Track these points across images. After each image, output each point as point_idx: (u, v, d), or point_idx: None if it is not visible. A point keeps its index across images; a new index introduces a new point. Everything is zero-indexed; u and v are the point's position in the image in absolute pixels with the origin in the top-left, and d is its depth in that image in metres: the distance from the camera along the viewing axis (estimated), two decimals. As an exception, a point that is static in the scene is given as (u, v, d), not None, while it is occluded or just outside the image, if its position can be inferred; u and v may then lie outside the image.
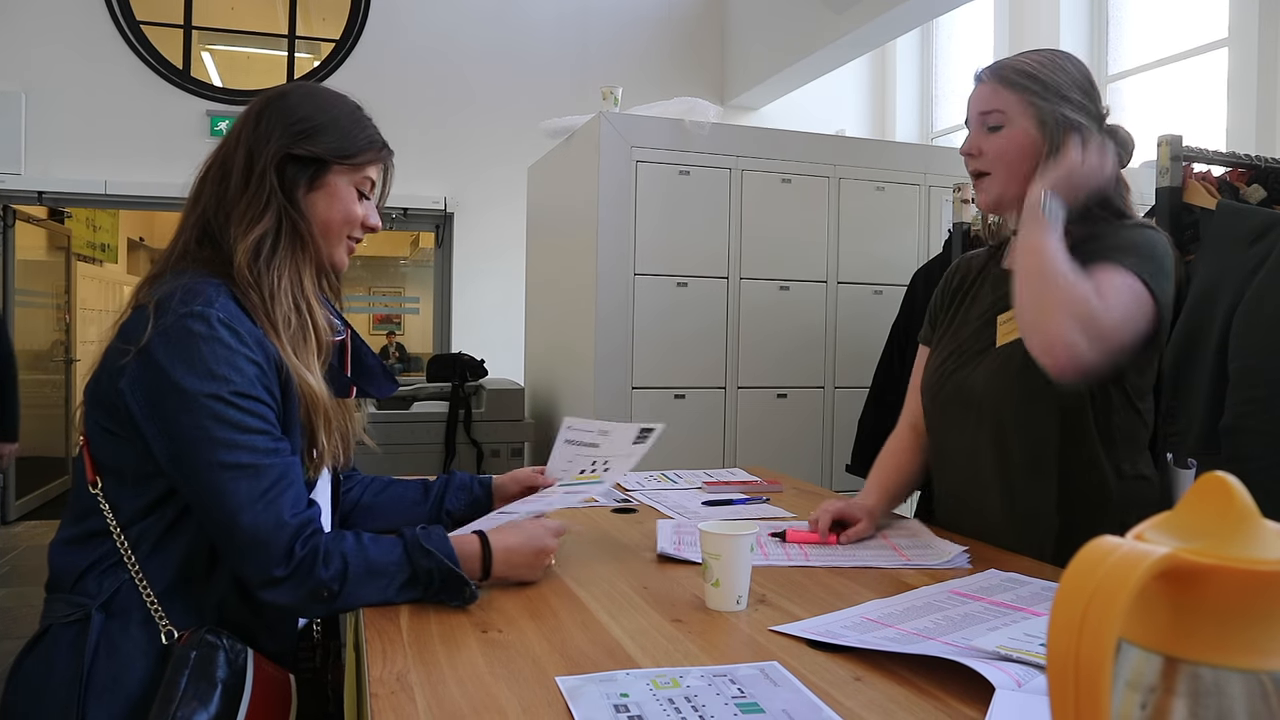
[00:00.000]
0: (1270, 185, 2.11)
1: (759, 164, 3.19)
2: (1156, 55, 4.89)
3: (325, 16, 6.23)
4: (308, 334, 1.23)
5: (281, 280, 1.21)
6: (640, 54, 6.55)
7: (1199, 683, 0.44)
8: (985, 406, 1.49)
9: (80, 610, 1.12)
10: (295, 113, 1.25)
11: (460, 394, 3.70)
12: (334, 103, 1.30)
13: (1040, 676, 0.89)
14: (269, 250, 1.21)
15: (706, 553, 1.18)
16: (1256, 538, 0.45)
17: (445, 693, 0.91)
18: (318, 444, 1.26)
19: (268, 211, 1.22)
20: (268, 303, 1.19)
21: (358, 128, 1.30)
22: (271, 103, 1.27)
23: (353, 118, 1.31)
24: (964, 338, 1.56)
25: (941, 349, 1.61)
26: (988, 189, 1.48)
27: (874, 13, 4.89)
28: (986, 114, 1.45)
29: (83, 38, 5.74)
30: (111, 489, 1.16)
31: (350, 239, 1.33)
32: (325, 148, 1.26)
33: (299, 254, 1.25)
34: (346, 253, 1.34)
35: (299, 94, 1.29)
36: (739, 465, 2.82)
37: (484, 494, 1.53)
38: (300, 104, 1.27)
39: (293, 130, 1.24)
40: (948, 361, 1.57)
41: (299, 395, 1.20)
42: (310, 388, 1.21)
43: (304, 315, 1.23)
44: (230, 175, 1.24)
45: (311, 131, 1.25)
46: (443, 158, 6.16)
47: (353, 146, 1.28)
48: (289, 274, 1.23)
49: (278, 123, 1.24)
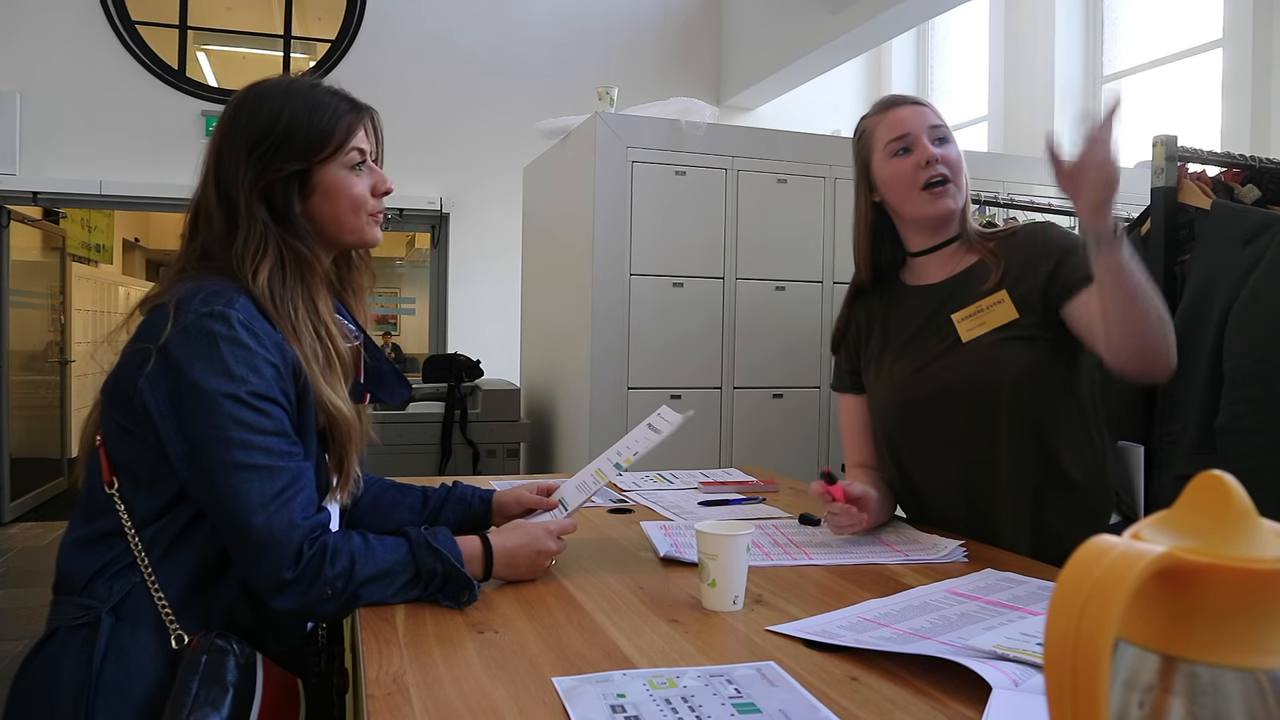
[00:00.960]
0: (1265, 185, 2.12)
1: (755, 164, 3.19)
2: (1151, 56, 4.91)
3: (321, 16, 6.23)
4: (332, 361, 1.22)
5: (299, 312, 1.19)
6: (636, 54, 6.55)
7: (1196, 681, 0.44)
8: (973, 395, 1.54)
9: (89, 613, 1.11)
10: (251, 132, 1.20)
11: (456, 394, 3.70)
12: (285, 98, 1.23)
13: (1037, 676, 0.89)
14: (280, 285, 1.19)
15: (703, 553, 1.18)
16: (1253, 537, 0.45)
17: (441, 694, 0.90)
18: (345, 469, 1.25)
19: (268, 248, 1.19)
20: (293, 331, 1.18)
21: (319, 111, 1.23)
22: (226, 132, 1.22)
23: (309, 102, 1.23)
24: (919, 352, 1.62)
25: (894, 373, 1.65)
26: (953, 195, 1.58)
27: (870, 13, 4.89)
28: (937, 128, 1.60)
29: (78, 38, 5.73)
30: (128, 489, 1.15)
31: (371, 215, 1.29)
32: (297, 154, 1.21)
33: (309, 278, 1.23)
34: (374, 226, 1.30)
35: (247, 108, 1.23)
36: (735, 465, 2.82)
37: (483, 511, 1.50)
38: (251, 119, 1.21)
39: (257, 154, 1.20)
40: (910, 379, 1.61)
41: (332, 422, 1.20)
42: (344, 414, 1.21)
43: (325, 342, 1.21)
44: (214, 216, 1.21)
45: (275, 145, 1.20)
46: (439, 158, 6.16)
47: (322, 135, 1.22)
48: (304, 303, 1.21)
49: (240, 150, 1.20)
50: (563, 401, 3.46)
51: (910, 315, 1.66)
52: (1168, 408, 2.06)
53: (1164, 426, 2.07)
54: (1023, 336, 1.52)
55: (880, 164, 1.63)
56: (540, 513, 1.47)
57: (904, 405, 1.62)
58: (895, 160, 1.60)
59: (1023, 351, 1.51)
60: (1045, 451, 1.53)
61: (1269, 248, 1.90)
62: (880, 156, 1.63)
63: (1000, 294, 1.54)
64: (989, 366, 1.53)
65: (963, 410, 1.55)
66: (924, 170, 1.57)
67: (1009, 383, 1.51)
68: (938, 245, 1.63)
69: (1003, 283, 1.55)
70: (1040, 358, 1.51)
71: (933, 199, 1.57)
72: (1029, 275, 1.53)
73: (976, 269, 1.59)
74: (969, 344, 1.56)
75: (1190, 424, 2.00)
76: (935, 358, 1.59)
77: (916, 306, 1.65)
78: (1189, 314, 2.02)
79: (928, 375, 1.59)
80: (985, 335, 1.54)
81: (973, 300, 1.57)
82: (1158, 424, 2.08)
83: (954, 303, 1.59)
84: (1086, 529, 1.50)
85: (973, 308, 1.56)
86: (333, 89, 1.28)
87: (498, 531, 1.29)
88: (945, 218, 1.60)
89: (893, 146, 1.60)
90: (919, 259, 1.67)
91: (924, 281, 1.66)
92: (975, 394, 1.54)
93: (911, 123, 1.60)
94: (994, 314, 1.54)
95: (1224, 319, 1.94)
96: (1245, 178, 2.15)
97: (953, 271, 1.62)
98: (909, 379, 1.62)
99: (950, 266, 1.63)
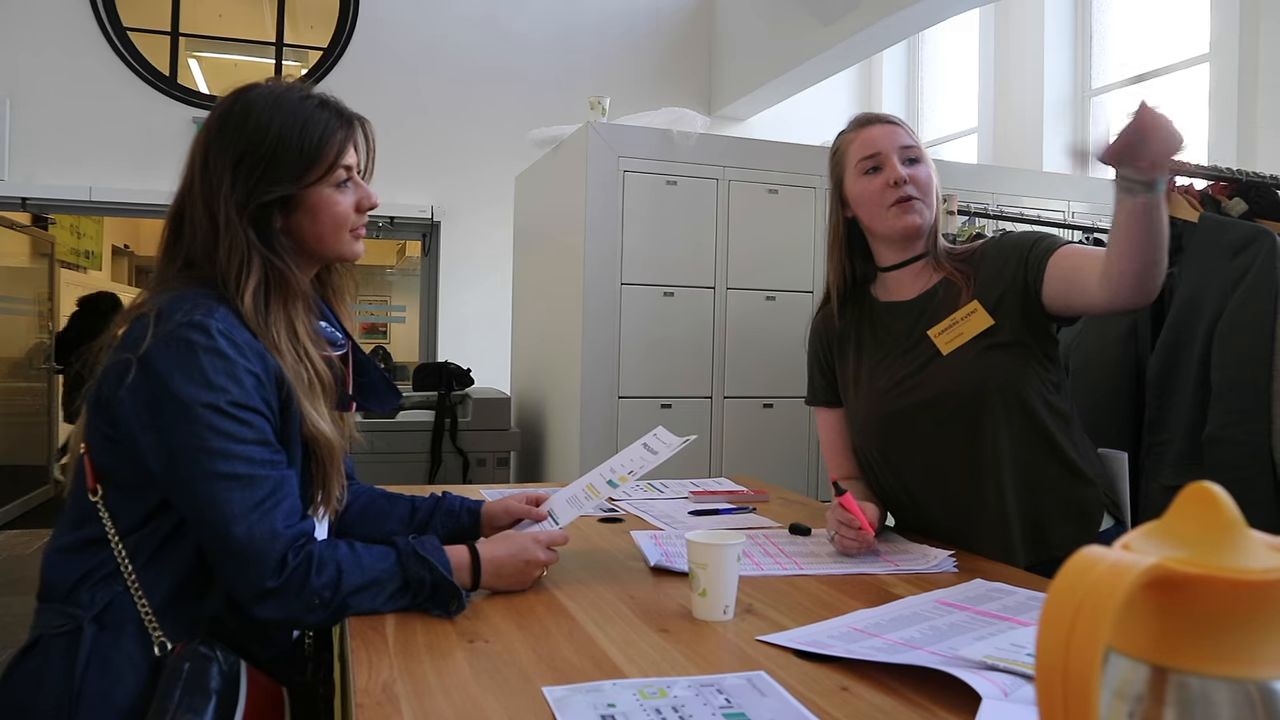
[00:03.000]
0: (1251, 199, 2.13)
1: (746, 174, 3.20)
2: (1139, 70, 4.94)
3: (313, 24, 6.22)
4: (313, 383, 1.21)
5: (281, 333, 1.19)
6: (628, 64, 6.56)
7: (1186, 692, 0.44)
8: (959, 403, 1.55)
9: (72, 621, 1.11)
10: (237, 144, 1.18)
11: (446, 403, 3.69)
12: (273, 110, 1.20)
13: (1027, 686, 0.89)
14: (263, 304, 1.18)
15: (694, 562, 1.18)
16: (1243, 547, 0.45)
17: (431, 703, 0.90)
18: (328, 490, 1.25)
19: (253, 266, 1.18)
20: (275, 348, 1.17)
21: (309, 127, 1.21)
22: (211, 140, 1.20)
23: (298, 118, 1.21)
24: (898, 366, 1.63)
25: (874, 388, 1.66)
26: (921, 212, 1.61)
27: (861, 25, 4.91)
28: (908, 148, 1.63)
29: (68, 43, 5.70)
30: (112, 497, 1.15)
31: (353, 231, 1.28)
32: (285, 177, 1.19)
33: (290, 299, 1.21)
34: (356, 241, 1.29)
35: (234, 118, 1.20)
36: (725, 475, 2.82)
37: (471, 523, 1.49)
38: (239, 130, 1.19)
39: (244, 169, 1.17)
40: (893, 392, 1.63)
41: (314, 444, 1.20)
42: (325, 436, 1.21)
43: (305, 364, 1.20)
44: (199, 227, 1.19)
45: (263, 163, 1.18)
46: (430, 166, 6.15)
47: (311, 156, 1.20)
48: (284, 323, 1.20)
49: (225, 161, 1.18)
50: (553, 410, 3.46)
51: (885, 331, 1.68)
52: (1155, 418, 2.07)
53: (1152, 437, 2.08)
54: (1002, 344, 1.54)
55: (851, 181, 1.66)
56: (529, 522, 1.47)
57: (886, 419, 1.63)
58: (865, 178, 1.63)
59: (1004, 358, 1.54)
60: (1031, 456, 1.54)
61: (1255, 260, 1.92)
62: (852, 174, 1.66)
63: (973, 304, 1.57)
64: (973, 374, 1.54)
65: (949, 419, 1.56)
66: (892, 190, 1.60)
67: (994, 389, 1.53)
68: (907, 261, 1.66)
69: (974, 295, 1.58)
70: (1021, 363, 1.54)
71: (900, 213, 1.60)
72: (999, 280, 1.57)
73: (946, 285, 1.62)
74: (950, 355, 1.58)
75: (1178, 435, 2.01)
76: (917, 370, 1.61)
77: (891, 323, 1.67)
78: (1177, 325, 2.03)
79: (912, 387, 1.60)
80: (965, 345, 1.56)
81: (946, 315, 1.60)
82: (1145, 434, 2.09)
83: (927, 318, 1.62)
84: (1078, 530, 1.52)
85: (947, 321, 1.59)
86: (323, 100, 1.25)
87: (486, 541, 1.29)
88: (912, 233, 1.62)
89: (863, 165, 1.63)
90: (890, 275, 1.69)
91: (896, 298, 1.69)
92: (961, 402, 1.55)
93: (882, 142, 1.63)
94: (970, 324, 1.57)
95: (1211, 330, 1.95)
96: (1232, 191, 2.17)
97: (924, 288, 1.65)
98: (891, 392, 1.63)
99: (921, 283, 1.65)
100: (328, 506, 1.28)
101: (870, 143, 1.64)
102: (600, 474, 1.50)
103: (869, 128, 1.66)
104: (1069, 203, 3.64)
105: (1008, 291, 1.55)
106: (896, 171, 1.59)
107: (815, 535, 1.66)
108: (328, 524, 1.35)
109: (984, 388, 1.53)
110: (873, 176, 1.62)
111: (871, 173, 1.62)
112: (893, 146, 1.62)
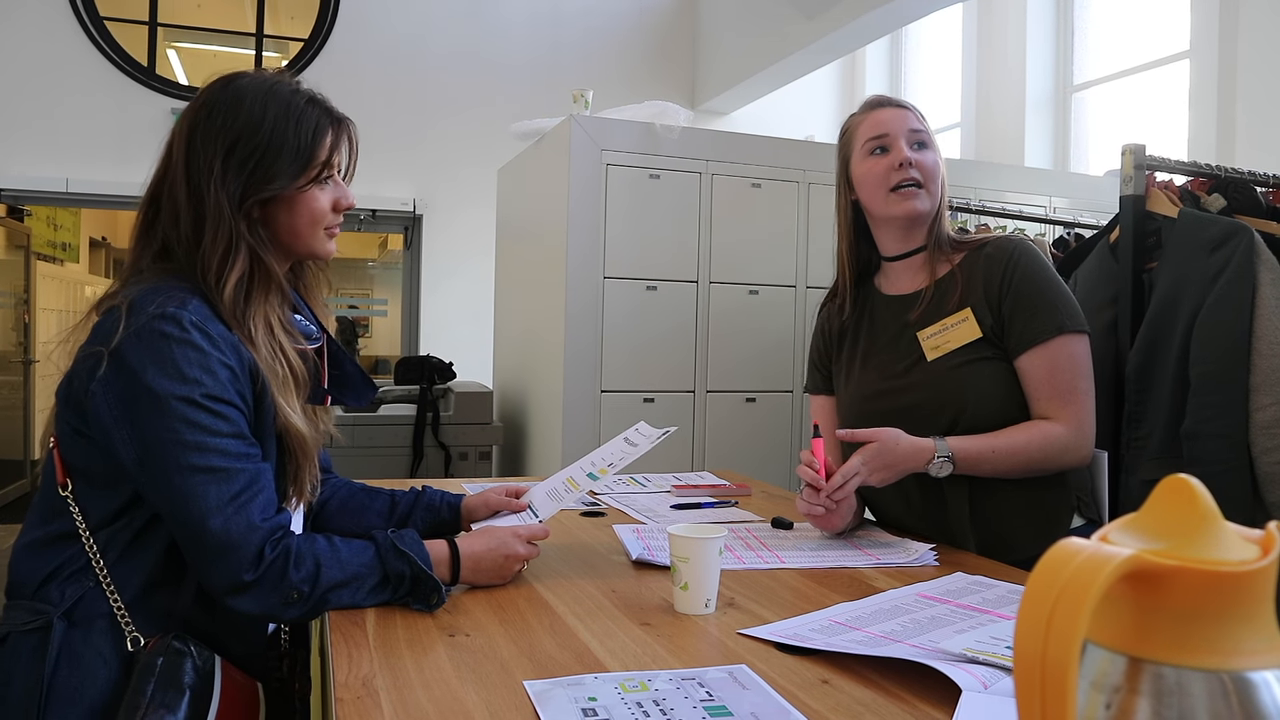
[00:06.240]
0: (1230, 194, 2.15)
1: (729, 168, 3.20)
2: (1120, 66, 4.98)
3: (294, 15, 6.17)
4: (286, 375, 1.20)
5: (257, 326, 1.17)
6: (611, 57, 6.55)
7: (1162, 682, 0.45)
8: (931, 416, 1.55)
9: (42, 618, 1.10)
10: (228, 132, 1.16)
11: (428, 397, 3.68)
12: (266, 102, 1.19)
13: (1006, 678, 0.90)
14: (244, 295, 1.17)
15: (675, 556, 1.17)
16: (1218, 539, 0.45)
17: (411, 697, 0.90)
18: (299, 483, 1.24)
19: (238, 257, 1.16)
20: (250, 341, 1.16)
21: (302, 124, 1.20)
22: (198, 126, 1.18)
23: (290, 113, 1.20)
24: (885, 364, 1.64)
25: (861, 384, 1.67)
26: (922, 199, 1.59)
27: (844, 19, 4.92)
28: (917, 132, 1.61)
29: (45, 33, 5.63)
30: (82, 491, 1.14)
31: (327, 229, 1.27)
32: (282, 175, 1.18)
33: (270, 291, 1.20)
34: (330, 240, 1.28)
35: (224, 105, 1.18)
36: (708, 469, 2.82)
37: (451, 517, 1.49)
38: (229, 118, 1.17)
39: (236, 160, 1.16)
40: (874, 394, 1.64)
41: (287, 437, 1.19)
42: (298, 430, 1.19)
43: (278, 355, 1.19)
44: (182, 213, 1.17)
45: (256, 156, 1.17)
46: (412, 159, 6.12)
47: (306, 155, 1.20)
48: (261, 316, 1.18)
49: (215, 149, 1.16)
50: (535, 404, 3.45)
51: (881, 325, 1.68)
52: (1134, 413, 2.09)
53: (1130, 432, 2.10)
54: (985, 358, 1.54)
55: (857, 162, 1.65)
56: (507, 514, 1.46)
57: (865, 420, 1.63)
58: (871, 159, 1.62)
59: (986, 372, 1.54)
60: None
61: (1234, 255, 1.93)
62: (858, 155, 1.65)
63: (964, 312, 1.56)
64: (950, 389, 1.55)
65: (919, 429, 1.53)
66: (896, 172, 1.58)
67: (970, 404, 1.53)
68: (908, 253, 1.65)
69: (965, 300, 1.57)
70: (1001, 377, 1.54)
71: (901, 199, 1.58)
72: (990, 304, 1.55)
73: (946, 281, 1.61)
74: (933, 363, 1.58)
75: (1156, 429, 2.03)
76: (900, 374, 1.61)
77: (887, 317, 1.67)
78: (1156, 320, 2.05)
79: (892, 394, 1.61)
80: (950, 355, 1.56)
81: (939, 316, 1.59)
82: (1124, 429, 2.11)
83: (918, 316, 1.61)
84: (1042, 534, 1.52)
85: (938, 325, 1.58)
86: (312, 96, 1.24)
87: (466, 536, 1.28)
88: (912, 219, 1.61)
89: (870, 145, 1.62)
90: (892, 265, 1.68)
91: (896, 291, 1.68)
92: (933, 414, 1.55)
93: (891, 124, 1.61)
94: (957, 333, 1.56)
95: (1190, 325, 1.97)
96: (1211, 186, 2.19)
97: (924, 283, 1.63)
98: (873, 394, 1.64)
99: (922, 277, 1.64)
100: (299, 498, 1.27)
101: (879, 124, 1.62)
102: (580, 467, 1.50)
103: (879, 110, 1.64)
104: (1050, 198, 3.66)
105: (996, 324, 1.55)
106: (902, 153, 1.58)
107: (797, 529, 1.66)
108: (301, 514, 1.34)
109: (959, 403, 1.53)
110: (878, 158, 1.61)
111: (878, 154, 1.61)
112: (901, 129, 1.60)
